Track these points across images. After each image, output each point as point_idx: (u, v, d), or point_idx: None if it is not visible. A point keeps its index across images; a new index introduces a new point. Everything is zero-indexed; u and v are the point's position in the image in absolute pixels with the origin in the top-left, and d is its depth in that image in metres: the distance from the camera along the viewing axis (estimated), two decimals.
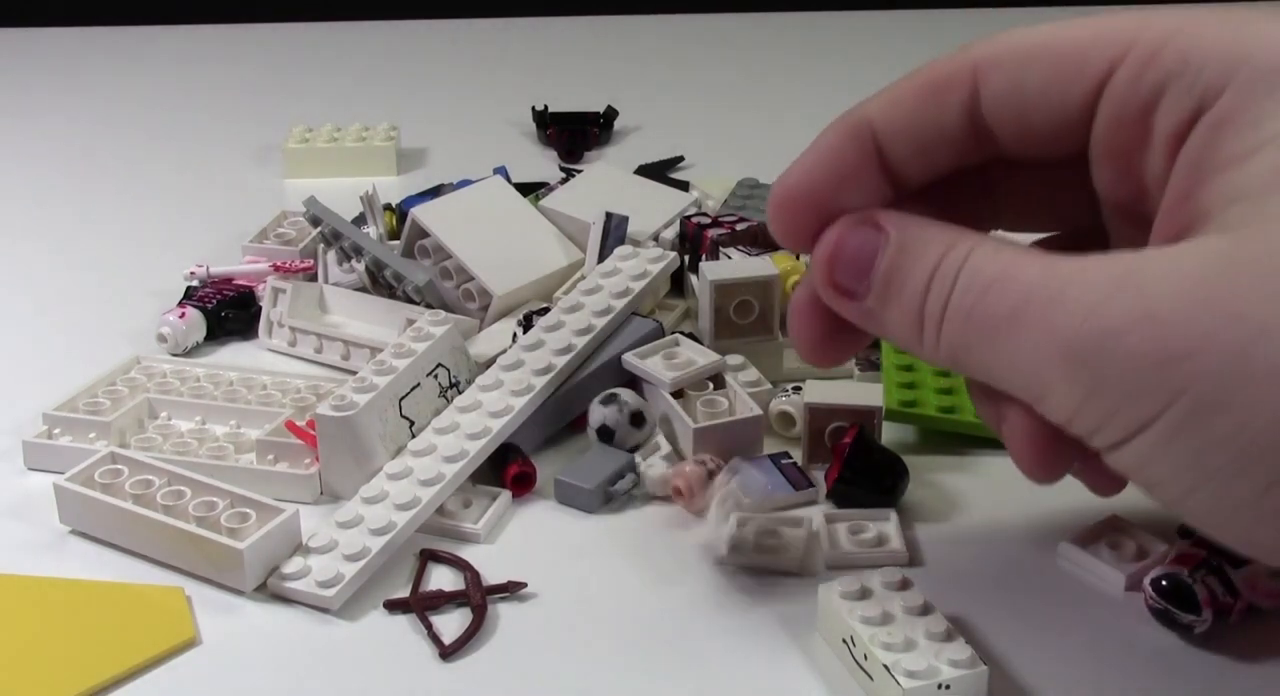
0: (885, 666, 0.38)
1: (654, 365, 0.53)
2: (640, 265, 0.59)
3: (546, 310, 0.57)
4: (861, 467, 0.48)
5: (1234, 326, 0.29)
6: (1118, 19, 0.35)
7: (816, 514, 0.47)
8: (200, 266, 0.65)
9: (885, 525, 0.47)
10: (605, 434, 0.51)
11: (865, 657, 0.39)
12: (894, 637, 0.39)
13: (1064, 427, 0.33)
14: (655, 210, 0.66)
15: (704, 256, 0.62)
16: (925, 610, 0.40)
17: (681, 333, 0.56)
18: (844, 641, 0.40)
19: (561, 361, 0.53)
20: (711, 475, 0.48)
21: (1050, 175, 0.39)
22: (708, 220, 0.64)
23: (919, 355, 0.36)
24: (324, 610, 0.43)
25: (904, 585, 0.41)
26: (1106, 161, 0.36)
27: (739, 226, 0.63)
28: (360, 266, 0.63)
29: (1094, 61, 0.35)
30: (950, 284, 0.34)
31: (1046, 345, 0.32)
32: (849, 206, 0.37)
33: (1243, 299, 0.30)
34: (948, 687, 0.38)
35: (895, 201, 0.38)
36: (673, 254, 0.61)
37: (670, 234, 0.65)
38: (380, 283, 0.62)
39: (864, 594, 0.41)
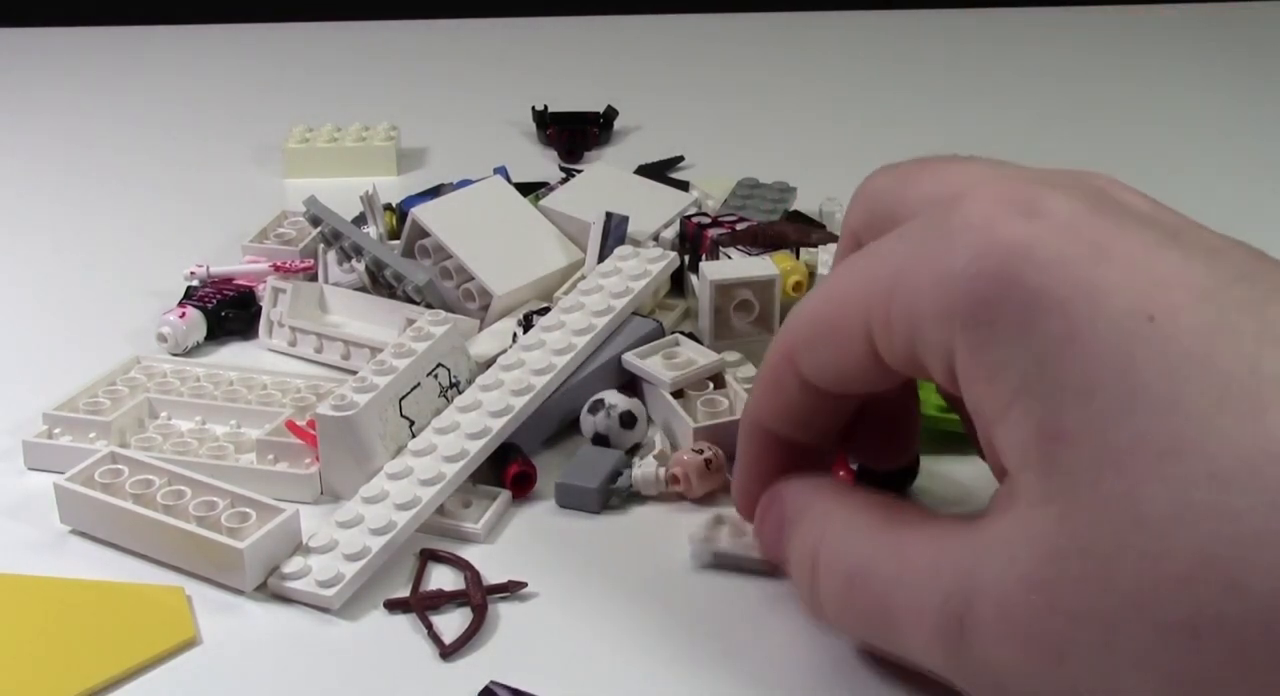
0: None
1: (654, 365, 0.53)
2: (640, 265, 0.59)
3: (546, 310, 0.57)
4: None
5: (1088, 622, 0.30)
6: (865, 269, 0.35)
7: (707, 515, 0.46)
8: (200, 266, 0.65)
9: None
10: (600, 441, 0.51)
11: None
12: None
13: None
14: (655, 210, 0.66)
15: (704, 256, 0.62)
16: None
17: (681, 333, 0.56)
18: None
19: (561, 361, 0.53)
20: (709, 464, 0.48)
21: None
22: (708, 220, 0.64)
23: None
24: (324, 610, 0.43)
25: None
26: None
27: (739, 226, 0.63)
28: (360, 266, 0.63)
29: (856, 329, 0.35)
30: (810, 570, 0.37)
31: (928, 640, 0.33)
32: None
33: (1081, 589, 0.30)
34: None
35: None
36: (673, 254, 0.61)
37: (670, 234, 0.66)
38: (380, 282, 0.62)
39: None
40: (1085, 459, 0.30)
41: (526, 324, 0.57)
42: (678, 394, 0.52)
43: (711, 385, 0.53)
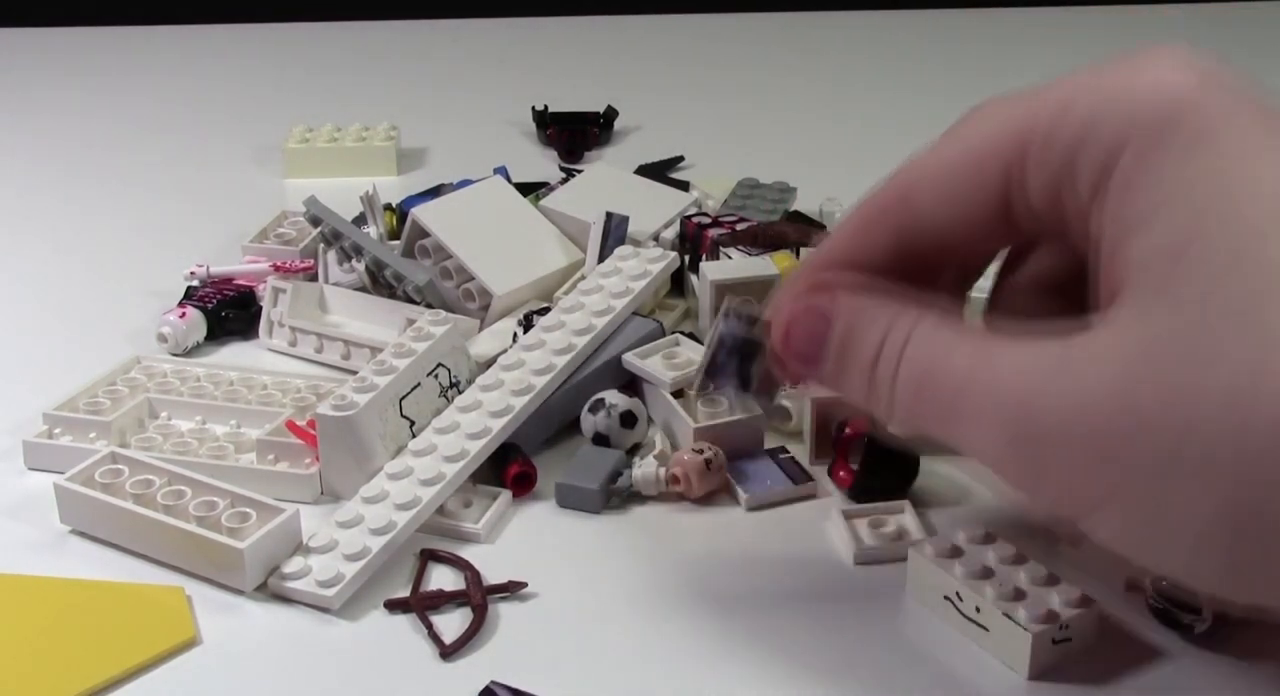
0: (1007, 614, 0.39)
1: (654, 365, 0.53)
2: (640, 265, 0.59)
3: (546, 310, 0.57)
4: (883, 459, 0.48)
5: (1158, 430, 0.31)
6: (1016, 105, 0.36)
7: (834, 512, 0.47)
8: (200, 266, 0.65)
9: (903, 517, 0.47)
10: (601, 440, 0.51)
11: (978, 610, 0.40)
12: (1004, 587, 0.40)
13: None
14: (655, 210, 0.66)
15: (704, 256, 0.62)
16: (1019, 560, 0.42)
17: (681, 333, 0.56)
18: (948, 598, 0.41)
19: (561, 361, 0.53)
20: (709, 464, 0.48)
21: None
22: (708, 220, 0.64)
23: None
24: (324, 610, 0.43)
25: (989, 539, 0.43)
26: (1057, 229, 0.37)
27: (739, 226, 0.63)
28: (360, 266, 0.63)
29: (993, 171, 0.36)
30: (894, 368, 0.36)
31: (991, 435, 0.34)
32: None
33: (1165, 393, 0.31)
34: (1066, 627, 0.39)
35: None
36: (673, 254, 0.61)
37: (670, 234, 0.66)
38: (380, 282, 0.62)
39: (956, 552, 0.42)
40: (1207, 273, 0.31)
41: (526, 324, 0.57)
42: (678, 394, 0.52)
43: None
